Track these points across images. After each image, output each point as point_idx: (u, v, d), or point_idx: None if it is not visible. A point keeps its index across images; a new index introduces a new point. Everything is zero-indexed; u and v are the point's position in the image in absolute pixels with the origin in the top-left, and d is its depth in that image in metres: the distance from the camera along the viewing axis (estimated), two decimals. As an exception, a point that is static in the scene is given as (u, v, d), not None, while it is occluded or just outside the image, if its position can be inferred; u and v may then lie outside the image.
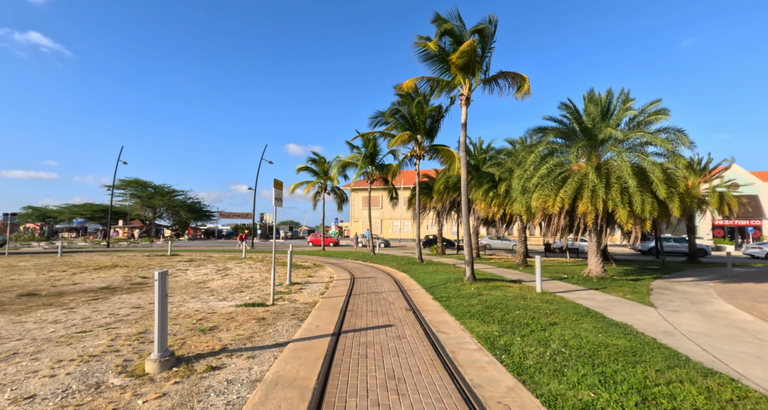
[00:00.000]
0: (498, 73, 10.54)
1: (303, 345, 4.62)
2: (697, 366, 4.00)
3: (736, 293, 9.49)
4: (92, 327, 5.49)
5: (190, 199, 59.09)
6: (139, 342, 4.74)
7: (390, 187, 24.28)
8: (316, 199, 28.49)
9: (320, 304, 7.25)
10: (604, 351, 4.40)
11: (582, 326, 5.63)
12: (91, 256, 19.60)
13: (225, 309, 6.75)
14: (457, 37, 10.27)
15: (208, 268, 13.81)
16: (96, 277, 11.27)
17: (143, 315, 6.26)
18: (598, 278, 11.50)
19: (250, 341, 4.83)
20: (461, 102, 10.82)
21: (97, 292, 8.63)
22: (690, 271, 15.00)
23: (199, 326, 5.53)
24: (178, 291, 8.88)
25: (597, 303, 7.64)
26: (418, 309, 6.88)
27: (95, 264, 14.96)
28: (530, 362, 4.03)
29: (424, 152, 16.81)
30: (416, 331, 5.35)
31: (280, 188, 8.04)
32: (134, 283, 10.11)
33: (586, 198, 10.72)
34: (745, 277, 13.08)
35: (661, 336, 5.31)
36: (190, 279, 10.88)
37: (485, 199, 17.64)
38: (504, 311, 6.54)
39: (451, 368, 3.86)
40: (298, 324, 5.76)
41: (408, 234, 46.59)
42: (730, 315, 6.93)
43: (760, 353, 4.62)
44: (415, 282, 10.55)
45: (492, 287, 9.29)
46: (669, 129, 11.39)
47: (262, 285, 9.76)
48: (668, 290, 9.77)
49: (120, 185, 51.26)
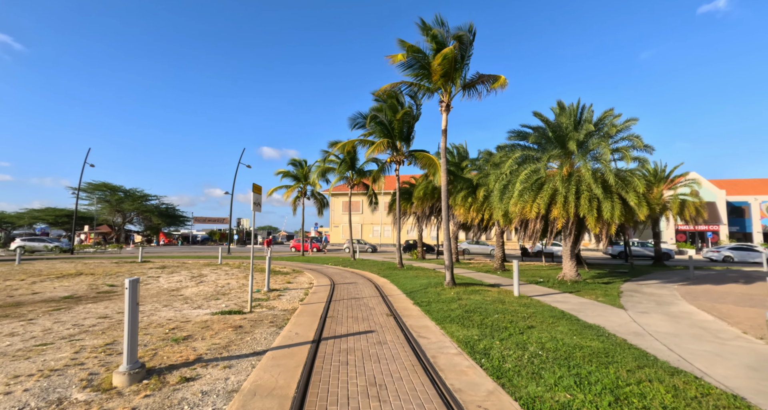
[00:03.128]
0: (476, 76, 10.82)
1: (282, 353, 4.52)
2: (665, 366, 4.19)
3: (698, 294, 10.04)
4: (54, 339, 5.16)
5: (163, 204, 56.94)
6: (106, 354, 4.49)
7: (370, 193, 24.29)
8: (296, 203, 28.06)
9: (300, 311, 7.12)
10: (579, 353, 4.54)
11: (558, 329, 5.79)
12: (53, 264, 18.45)
13: (200, 318, 6.51)
14: (439, 43, 10.46)
15: (182, 275, 13.30)
16: (58, 286, 10.62)
17: (111, 326, 5.94)
18: (573, 281, 11.89)
19: (226, 350, 4.67)
20: (441, 108, 11.02)
21: (59, 302, 8.13)
22: (656, 274, 15.77)
23: (172, 335, 5.30)
24: (150, 299, 8.49)
25: (572, 306, 7.88)
26: (398, 314, 6.88)
27: (58, 273, 14.10)
28: (509, 365, 4.10)
29: (404, 157, 16.96)
30: (397, 337, 5.34)
31: (259, 193, 7.89)
32: (101, 292, 9.59)
33: (560, 204, 11.14)
34: (706, 279, 13.89)
35: (631, 337, 5.54)
36: (162, 287, 10.44)
37: (464, 204, 17.95)
38: (483, 315, 6.64)
39: (432, 373, 3.87)
40: (277, 331, 5.62)
41: (388, 239, 46.63)
42: (693, 315, 7.32)
43: (720, 351, 4.90)
44: (396, 287, 10.55)
45: (471, 291, 9.42)
46: (632, 136, 12.10)
47: (239, 292, 9.48)
48: (637, 292, 10.22)
49: (87, 188, 48.70)
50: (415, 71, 11.12)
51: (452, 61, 10.22)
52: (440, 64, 10.10)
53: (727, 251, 25.85)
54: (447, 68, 10.31)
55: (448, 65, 10.23)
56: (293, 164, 27.35)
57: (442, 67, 10.19)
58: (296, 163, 27.27)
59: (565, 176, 11.69)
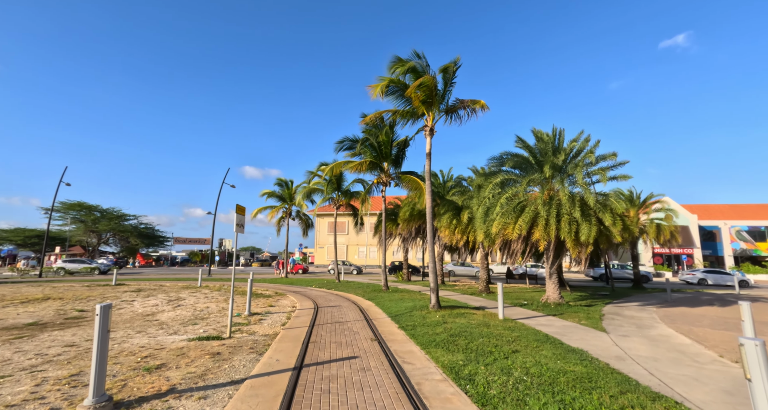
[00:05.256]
0: (456, 102, 11.25)
1: (261, 382, 4.34)
2: (646, 391, 4.22)
3: (675, 317, 10.27)
4: (13, 370, 4.81)
5: (142, 223, 55.21)
6: (70, 386, 4.21)
7: (360, 214, 24.27)
8: (281, 224, 27.68)
9: (281, 336, 6.89)
10: (563, 378, 4.53)
11: (542, 353, 5.79)
12: (18, 288, 17.41)
13: (175, 344, 6.21)
14: (419, 73, 10.92)
15: (159, 299, 12.74)
16: (23, 312, 9.99)
17: (78, 355, 5.59)
18: (556, 304, 11.99)
19: (202, 379, 4.46)
20: (425, 133, 11.35)
21: (22, 329, 7.62)
22: (636, 296, 16.08)
23: (144, 364, 5.02)
24: (122, 325, 8.07)
25: (555, 330, 7.91)
26: (383, 338, 6.74)
27: (23, 297, 13.30)
28: (494, 392, 4.05)
29: (390, 179, 17.18)
30: (381, 363, 5.22)
31: (242, 214, 7.79)
32: (69, 318, 9.07)
33: (541, 226, 11.41)
34: (682, 302, 14.26)
35: (613, 361, 5.58)
36: (137, 312, 9.96)
37: (449, 226, 18.10)
38: (468, 339, 6.59)
39: (417, 401, 3.78)
40: (257, 358, 5.41)
41: (374, 261, 46.19)
42: (671, 339, 7.46)
43: (698, 376, 4.98)
44: (381, 310, 10.39)
45: (456, 314, 9.36)
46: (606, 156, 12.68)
47: (219, 317, 9.13)
48: (618, 315, 10.37)
49: (61, 208, 46.93)
50: (396, 98, 11.62)
51: (433, 88, 10.68)
52: (421, 91, 10.56)
53: (702, 274, 26.73)
54: (427, 94, 10.74)
55: (428, 91, 10.67)
56: (279, 184, 27.22)
57: (423, 92, 10.63)
58: (282, 183, 27.16)
59: (546, 199, 12.04)
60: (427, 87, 10.48)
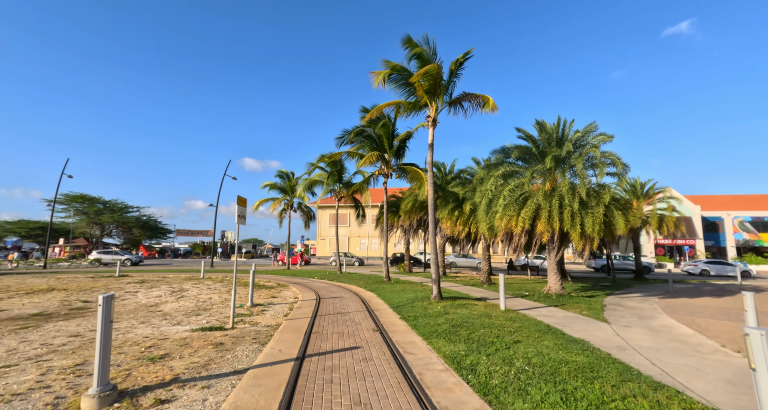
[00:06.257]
0: (462, 95, 11.07)
1: (264, 372, 4.36)
2: (648, 380, 4.23)
3: (677, 308, 10.27)
4: (18, 360, 4.86)
5: (145, 216, 55.40)
6: (75, 375, 4.25)
7: (363, 205, 24.23)
8: (282, 216, 27.69)
9: (284, 327, 6.93)
10: (564, 368, 4.54)
11: (544, 343, 5.80)
12: (23, 279, 17.58)
13: (179, 335, 6.26)
14: (425, 61, 10.73)
15: (162, 290, 12.84)
16: (27, 302, 10.09)
17: (82, 345, 5.64)
18: (557, 295, 12.01)
19: (205, 369, 4.49)
20: (428, 123, 11.22)
21: (27, 319, 7.70)
22: (637, 287, 16.09)
23: (147, 354, 5.06)
24: (126, 315, 8.14)
25: (557, 320, 7.93)
26: (385, 329, 6.77)
27: (28, 288, 13.43)
28: (496, 381, 4.06)
29: (392, 171, 17.08)
30: (383, 353, 5.24)
31: (243, 205, 7.77)
32: (74, 308, 9.15)
33: (544, 219, 11.34)
34: (684, 293, 14.25)
35: (615, 351, 5.59)
36: (140, 303, 10.04)
37: (451, 218, 18.06)
38: (470, 330, 6.61)
39: (419, 391, 3.80)
40: (260, 348, 5.45)
41: (375, 253, 46.35)
42: (673, 329, 7.46)
43: (700, 365, 4.99)
44: (383, 301, 10.43)
45: (458, 305, 9.39)
46: (608, 153, 12.53)
47: (222, 308, 9.20)
48: (619, 306, 10.38)
49: (63, 200, 47.08)
50: (399, 87, 11.43)
51: (438, 78, 10.49)
52: (425, 80, 10.38)
53: (704, 265, 26.72)
54: (432, 83, 10.57)
55: (432, 81, 10.49)
56: (281, 176, 27.13)
57: (427, 81, 10.45)
58: (284, 175, 27.07)
59: (548, 191, 11.95)
60: (432, 76, 10.30)
